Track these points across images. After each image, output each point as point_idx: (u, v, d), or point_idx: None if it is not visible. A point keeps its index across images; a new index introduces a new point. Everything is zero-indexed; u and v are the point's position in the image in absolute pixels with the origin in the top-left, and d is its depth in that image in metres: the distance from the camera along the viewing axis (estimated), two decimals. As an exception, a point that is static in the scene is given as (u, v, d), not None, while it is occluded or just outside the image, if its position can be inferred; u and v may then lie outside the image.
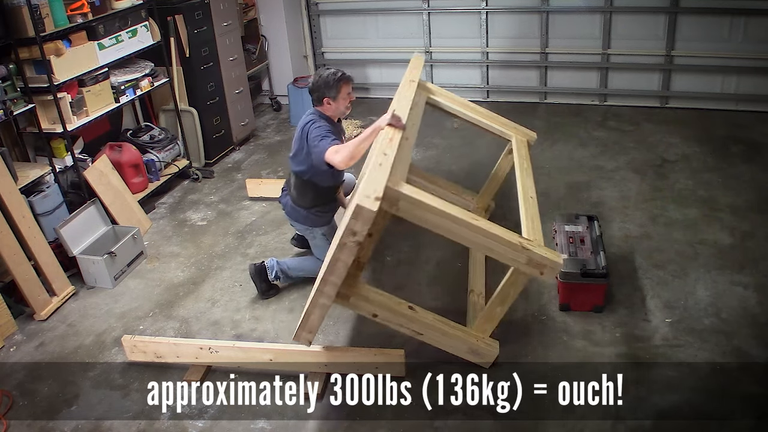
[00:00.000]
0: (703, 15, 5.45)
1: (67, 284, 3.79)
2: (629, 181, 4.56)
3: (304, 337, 2.82)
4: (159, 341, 3.14)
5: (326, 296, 2.66)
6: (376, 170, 2.54)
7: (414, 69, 3.83)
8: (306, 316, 2.75)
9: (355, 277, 2.87)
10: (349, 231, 2.43)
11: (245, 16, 6.06)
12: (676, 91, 5.80)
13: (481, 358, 2.95)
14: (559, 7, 5.80)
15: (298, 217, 3.51)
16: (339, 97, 3.27)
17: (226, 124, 5.47)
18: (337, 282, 2.61)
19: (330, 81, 3.24)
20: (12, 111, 3.63)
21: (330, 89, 3.25)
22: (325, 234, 3.52)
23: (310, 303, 2.71)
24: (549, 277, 2.75)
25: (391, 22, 6.37)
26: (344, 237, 2.46)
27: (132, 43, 4.44)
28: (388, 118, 2.97)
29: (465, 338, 2.93)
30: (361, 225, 2.40)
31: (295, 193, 3.45)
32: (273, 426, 2.78)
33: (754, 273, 3.46)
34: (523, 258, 2.66)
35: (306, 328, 2.79)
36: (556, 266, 2.69)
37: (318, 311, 2.72)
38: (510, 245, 2.64)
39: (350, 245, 2.48)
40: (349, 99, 3.34)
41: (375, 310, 2.83)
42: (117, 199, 4.29)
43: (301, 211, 3.46)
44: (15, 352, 3.37)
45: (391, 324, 2.87)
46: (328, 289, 2.64)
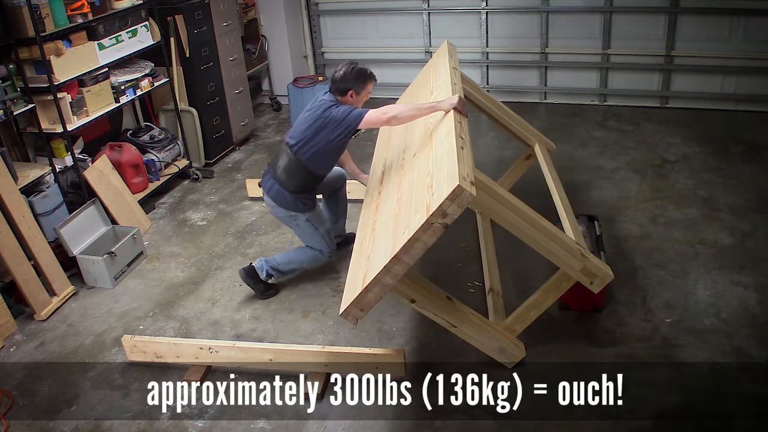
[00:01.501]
0: (703, 15, 5.45)
1: (67, 284, 3.79)
2: (629, 181, 4.56)
3: (354, 314, 2.62)
4: (159, 341, 3.13)
5: (393, 275, 2.50)
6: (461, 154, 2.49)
7: (451, 56, 3.78)
8: (364, 292, 2.55)
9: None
10: (440, 211, 2.33)
11: (245, 16, 6.06)
12: (676, 91, 5.80)
13: (506, 358, 2.93)
14: (559, 7, 5.80)
15: (283, 201, 3.40)
16: (363, 92, 3.30)
17: (226, 124, 5.47)
18: (410, 263, 2.47)
19: (361, 75, 3.27)
20: (12, 111, 3.63)
21: (359, 83, 3.27)
22: (310, 220, 3.45)
23: (372, 280, 2.52)
24: (597, 287, 2.78)
25: (391, 22, 6.37)
26: (433, 217, 2.34)
27: (132, 43, 4.43)
28: (455, 102, 2.95)
29: (497, 336, 2.89)
30: (455, 208, 2.32)
31: (284, 175, 3.35)
32: (273, 426, 2.78)
33: (754, 273, 3.46)
34: (579, 265, 2.68)
35: (359, 305, 2.59)
36: (606, 278, 2.74)
37: (378, 290, 2.54)
38: (571, 251, 2.67)
39: (437, 227, 2.37)
40: (367, 96, 3.37)
41: (414, 296, 2.72)
42: (117, 199, 4.29)
43: (287, 195, 3.37)
44: (15, 352, 3.37)
45: (426, 312, 2.78)
46: (398, 268, 2.48)
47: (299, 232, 3.55)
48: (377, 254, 2.65)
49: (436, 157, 2.71)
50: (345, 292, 2.75)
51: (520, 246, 3.83)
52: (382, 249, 2.62)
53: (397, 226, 2.63)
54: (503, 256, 3.72)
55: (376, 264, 2.57)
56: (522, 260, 3.74)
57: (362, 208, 3.33)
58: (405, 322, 3.33)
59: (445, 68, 3.59)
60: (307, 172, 3.32)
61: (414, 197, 2.67)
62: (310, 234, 3.49)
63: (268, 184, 3.44)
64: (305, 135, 3.25)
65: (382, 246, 2.65)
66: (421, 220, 2.41)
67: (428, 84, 3.71)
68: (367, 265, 2.67)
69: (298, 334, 3.34)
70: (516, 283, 3.55)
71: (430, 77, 3.79)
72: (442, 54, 3.89)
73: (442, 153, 2.67)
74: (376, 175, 3.50)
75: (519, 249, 3.82)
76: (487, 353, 2.92)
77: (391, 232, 2.65)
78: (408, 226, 2.51)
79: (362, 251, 2.87)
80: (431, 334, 3.23)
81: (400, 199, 2.83)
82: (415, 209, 2.54)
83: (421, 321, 3.33)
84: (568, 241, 2.68)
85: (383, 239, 2.69)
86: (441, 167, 2.57)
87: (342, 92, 3.27)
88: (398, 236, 2.54)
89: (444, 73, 3.53)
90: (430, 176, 2.62)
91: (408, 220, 2.55)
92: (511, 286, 3.52)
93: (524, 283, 3.55)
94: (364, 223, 3.12)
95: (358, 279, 2.67)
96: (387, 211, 2.91)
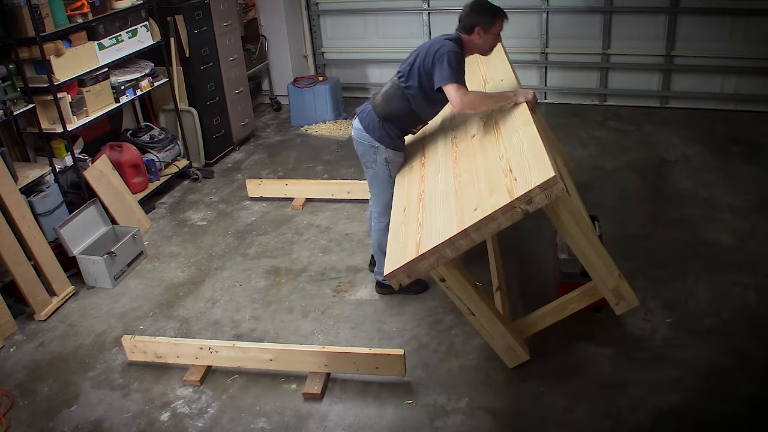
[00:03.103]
0: (703, 15, 5.45)
1: (67, 284, 3.79)
2: (629, 181, 4.56)
3: (399, 279, 2.55)
4: (159, 341, 3.13)
5: (455, 249, 2.45)
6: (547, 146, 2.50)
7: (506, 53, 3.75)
8: (419, 258, 2.49)
9: None
10: (526, 197, 2.31)
11: (245, 16, 6.06)
12: (676, 91, 5.80)
13: (510, 358, 2.92)
14: (559, 7, 5.80)
15: (369, 125, 3.16)
16: (491, 31, 3.03)
17: (226, 124, 5.47)
18: (477, 241, 2.43)
19: (490, 11, 3.01)
20: (12, 111, 3.63)
21: (486, 18, 2.99)
22: (388, 162, 3.22)
23: (431, 249, 2.46)
24: (621, 309, 2.77)
25: (391, 22, 6.37)
26: (517, 201, 2.32)
27: (132, 43, 4.43)
28: (529, 97, 2.92)
29: (509, 335, 2.86)
30: (543, 197, 2.31)
31: (381, 99, 3.15)
32: (273, 426, 2.78)
33: (754, 273, 3.46)
34: (613, 284, 2.68)
35: (409, 271, 2.52)
36: (632, 303, 2.74)
37: (434, 259, 2.48)
38: (610, 269, 2.66)
39: (517, 212, 2.34)
40: (497, 40, 3.10)
41: (447, 275, 2.66)
42: (117, 199, 4.29)
43: (376, 119, 3.14)
44: (15, 352, 3.37)
45: (451, 294, 2.75)
46: (462, 243, 2.43)
47: (371, 174, 3.30)
48: (436, 224, 2.60)
49: (511, 144, 2.71)
50: (389, 255, 2.68)
51: (525, 248, 3.86)
52: (442, 220, 2.59)
53: (462, 201, 2.61)
54: (507, 256, 3.72)
55: (437, 234, 2.52)
56: (526, 263, 3.75)
57: (399, 175, 3.24)
58: (405, 322, 3.34)
59: (502, 60, 3.55)
60: (404, 103, 3.10)
61: (483, 177, 2.66)
62: (381, 181, 3.26)
63: (363, 109, 3.27)
64: (411, 68, 3.05)
65: (441, 217, 2.62)
66: (501, 201, 2.39)
67: (478, 72, 3.67)
68: (420, 232, 2.63)
69: (298, 334, 3.34)
70: (519, 284, 3.55)
71: (480, 66, 3.72)
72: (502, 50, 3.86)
73: (519, 141, 2.67)
74: (415, 146, 3.39)
75: (524, 251, 3.84)
76: (494, 348, 2.90)
77: (453, 205, 2.63)
78: (481, 203, 2.49)
79: (408, 217, 2.82)
80: (431, 334, 3.23)
81: (460, 176, 2.81)
82: (489, 189, 2.53)
83: (421, 321, 3.33)
84: (609, 260, 2.67)
85: (442, 211, 2.66)
86: (522, 154, 2.56)
87: (468, 29, 3.02)
88: (466, 212, 2.52)
89: (501, 63, 3.50)
90: (505, 160, 2.63)
91: (479, 198, 2.54)
92: (514, 286, 3.52)
93: (527, 284, 3.55)
94: (407, 191, 3.06)
95: (410, 245, 2.61)
96: (440, 184, 2.89)
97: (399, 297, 3.49)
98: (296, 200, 4.63)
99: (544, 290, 3.41)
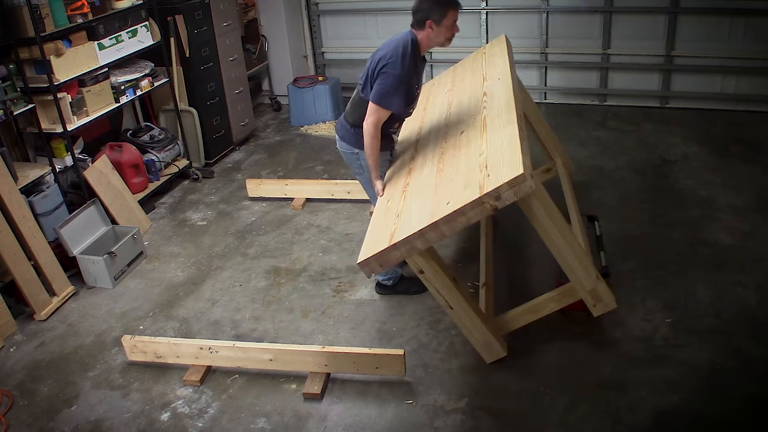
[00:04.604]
0: (703, 15, 5.45)
1: (67, 284, 3.79)
2: (629, 181, 4.56)
3: (371, 267, 2.61)
4: (159, 341, 3.13)
5: (425, 241, 2.50)
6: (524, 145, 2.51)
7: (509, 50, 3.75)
8: (391, 248, 2.54)
9: None
10: (495, 193, 2.33)
11: (245, 16, 6.06)
12: (676, 91, 5.80)
13: (488, 353, 2.93)
14: (559, 7, 5.80)
15: (345, 134, 3.24)
16: (443, 23, 2.95)
17: (226, 124, 5.47)
18: (446, 234, 2.47)
19: (438, 2, 2.93)
20: (12, 111, 3.63)
21: (435, 11, 2.92)
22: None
23: (403, 240, 2.51)
24: (598, 311, 2.78)
25: (391, 22, 6.36)
26: (486, 196, 2.34)
27: (132, 43, 4.44)
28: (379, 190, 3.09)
29: (486, 330, 2.87)
30: (512, 194, 2.33)
31: (350, 107, 3.22)
32: (273, 426, 2.78)
33: (754, 273, 3.46)
34: (590, 286, 2.69)
35: (381, 260, 2.58)
36: (610, 305, 2.76)
37: (405, 250, 2.54)
38: (588, 270, 2.67)
39: (486, 208, 2.37)
40: (453, 31, 3.02)
41: (425, 267, 2.69)
42: (117, 199, 4.29)
43: (348, 127, 3.21)
44: (15, 352, 3.37)
45: (430, 286, 2.77)
46: (432, 235, 2.48)
47: (364, 182, 3.36)
48: (411, 216, 2.64)
49: (492, 141, 2.73)
50: (365, 244, 2.72)
51: (520, 249, 3.87)
52: (417, 212, 2.62)
53: (438, 195, 2.64)
54: (502, 257, 3.73)
55: (410, 225, 2.57)
56: (520, 263, 3.75)
57: (390, 169, 3.28)
58: (405, 322, 3.34)
59: (503, 60, 3.58)
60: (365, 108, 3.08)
61: (461, 172, 2.68)
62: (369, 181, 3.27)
63: (339, 119, 3.33)
64: (362, 76, 3.08)
65: (417, 210, 2.65)
66: (471, 196, 2.43)
67: (480, 70, 3.71)
68: (397, 223, 2.67)
69: (298, 334, 3.34)
70: (510, 284, 3.55)
71: (482, 64, 3.76)
72: (499, 45, 3.88)
73: (500, 138, 2.69)
74: (409, 140, 3.43)
75: (519, 252, 3.84)
76: (472, 342, 2.92)
77: (430, 199, 2.66)
78: (453, 197, 2.52)
79: (389, 208, 2.87)
80: (431, 334, 3.23)
81: (442, 171, 2.84)
82: (464, 184, 2.56)
83: (421, 321, 3.33)
84: (587, 261, 2.68)
85: (419, 204, 2.70)
86: (500, 151, 2.59)
87: (419, 24, 2.97)
88: (439, 205, 2.56)
89: (502, 64, 3.54)
90: (484, 157, 2.65)
91: (453, 192, 2.57)
92: (504, 285, 3.52)
93: (518, 284, 3.56)
94: (393, 183, 3.11)
95: (384, 234, 2.65)
96: (424, 177, 2.92)
97: (399, 297, 3.49)
98: (296, 200, 4.63)
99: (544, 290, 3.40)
